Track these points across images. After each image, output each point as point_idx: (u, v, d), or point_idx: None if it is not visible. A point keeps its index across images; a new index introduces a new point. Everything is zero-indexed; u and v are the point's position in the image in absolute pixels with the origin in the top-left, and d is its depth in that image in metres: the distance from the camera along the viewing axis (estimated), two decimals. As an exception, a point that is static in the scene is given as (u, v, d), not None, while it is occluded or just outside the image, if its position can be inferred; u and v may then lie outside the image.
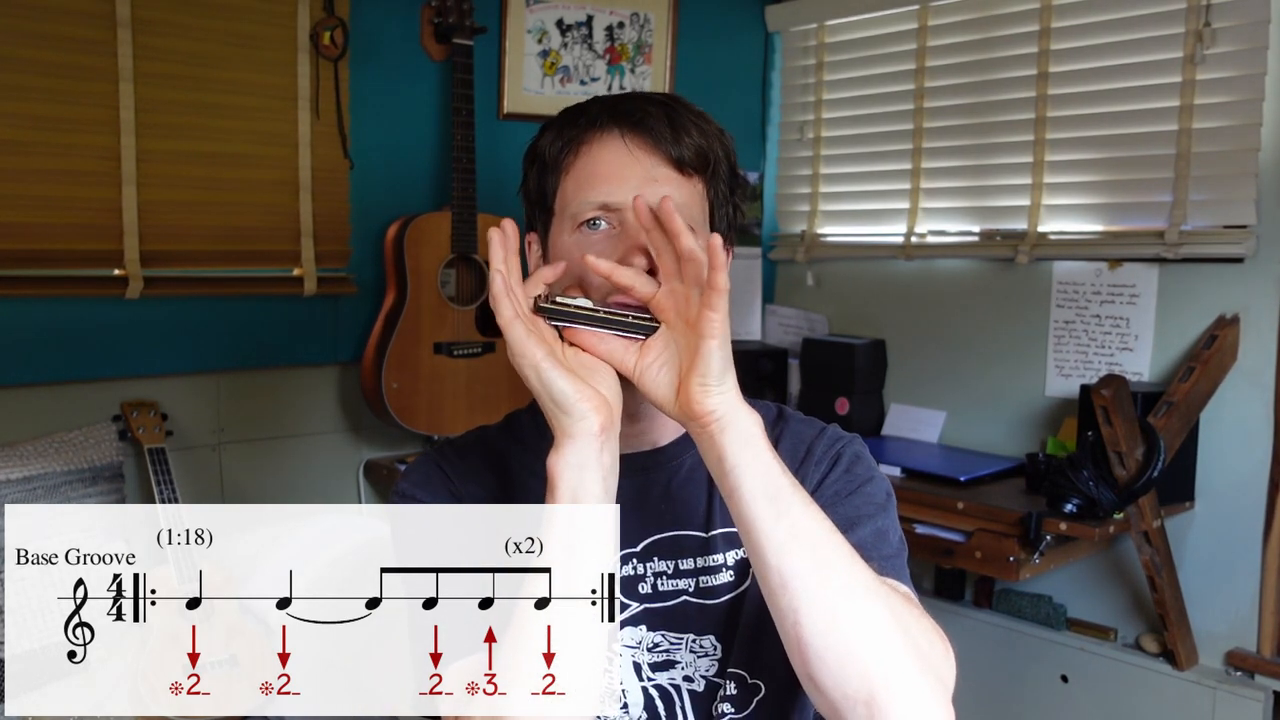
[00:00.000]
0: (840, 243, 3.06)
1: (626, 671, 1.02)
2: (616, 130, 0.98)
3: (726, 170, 1.02)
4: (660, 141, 0.97)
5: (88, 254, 2.20)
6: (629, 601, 1.02)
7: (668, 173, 0.97)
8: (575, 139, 0.99)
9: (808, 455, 1.05)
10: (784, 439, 1.07)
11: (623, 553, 1.02)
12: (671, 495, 1.05)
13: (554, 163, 1.01)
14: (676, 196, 0.96)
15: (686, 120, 0.98)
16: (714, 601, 1.03)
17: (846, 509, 1.00)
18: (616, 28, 2.88)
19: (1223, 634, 2.33)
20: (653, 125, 0.97)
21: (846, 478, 1.04)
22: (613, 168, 0.97)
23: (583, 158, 0.99)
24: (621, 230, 0.96)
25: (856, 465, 1.05)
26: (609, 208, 0.96)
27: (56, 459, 2.08)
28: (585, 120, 1.00)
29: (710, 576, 1.03)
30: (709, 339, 0.83)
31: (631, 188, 0.95)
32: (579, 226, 0.97)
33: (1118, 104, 2.44)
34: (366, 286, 2.55)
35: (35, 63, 2.08)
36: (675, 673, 1.02)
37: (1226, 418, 2.30)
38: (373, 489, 2.64)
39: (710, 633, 1.02)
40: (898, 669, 0.82)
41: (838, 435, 1.08)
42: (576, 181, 0.99)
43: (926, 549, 2.28)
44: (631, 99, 1.00)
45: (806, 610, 0.82)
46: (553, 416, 0.88)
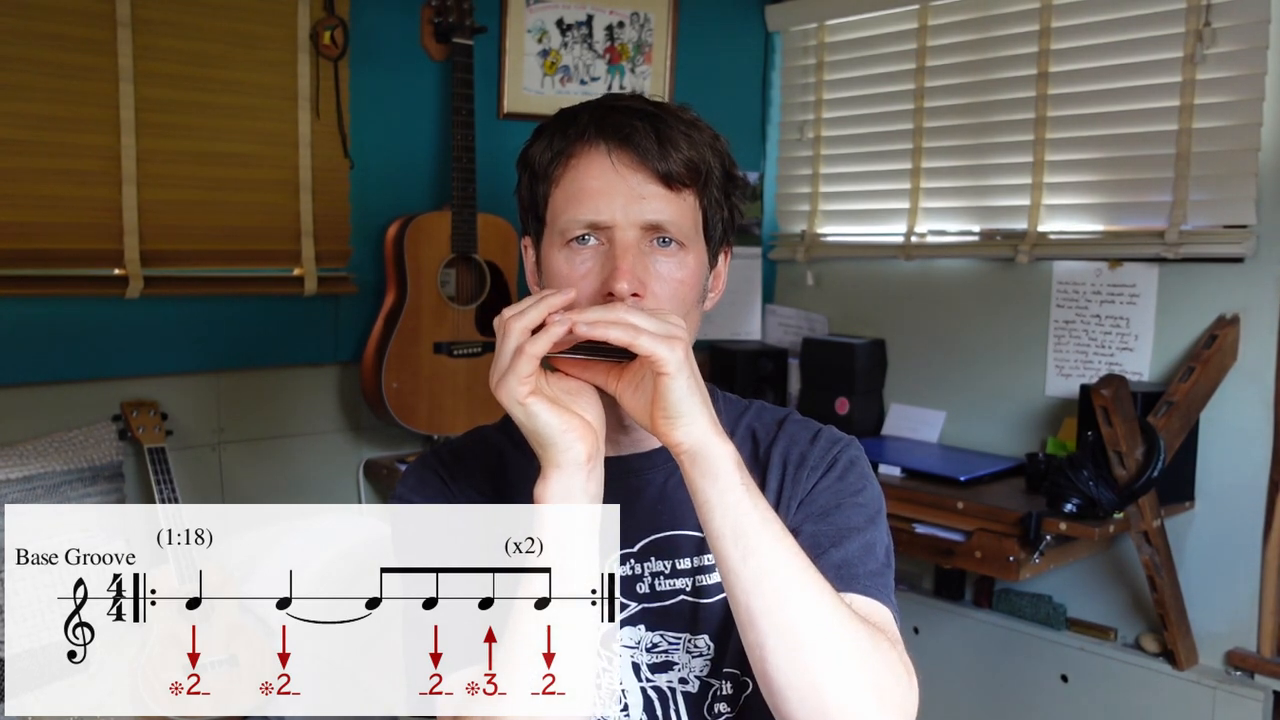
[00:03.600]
0: (840, 243, 3.06)
1: (626, 672, 1.03)
2: (603, 146, 0.98)
3: (720, 177, 1.02)
4: (647, 158, 0.97)
5: (88, 253, 2.20)
6: (628, 601, 1.04)
7: (655, 189, 0.97)
8: (564, 151, 1.00)
9: (802, 461, 1.06)
10: (779, 442, 1.07)
11: (621, 553, 1.03)
12: (667, 496, 1.06)
13: (543, 173, 1.01)
14: (665, 212, 0.97)
15: (675, 133, 0.98)
16: (708, 601, 1.04)
17: (836, 520, 1.01)
18: (616, 27, 2.88)
19: (1223, 634, 2.33)
20: (639, 141, 0.97)
21: (839, 485, 1.04)
22: (599, 185, 0.97)
23: (570, 171, 0.99)
24: (609, 247, 0.97)
25: (850, 473, 1.06)
26: (596, 226, 0.97)
27: (56, 459, 2.08)
28: (574, 131, 1.00)
29: (705, 576, 1.04)
30: (662, 376, 0.85)
31: (619, 206, 0.96)
32: (568, 243, 0.98)
33: (1118, 104, 2.44)
34: (366, 286, 2.55)
35: (36, 62, 2.08)
36: (671, 674, 1.03)
37: (1226, 418, 2.30)
38: (373, 489, 2.64)
39: (704, 632, 1.04)
40: (858, 707, 0.84)
41: (834, 438, 1.08)
42: (565, 196, 0.99)
43: (926, 549, 2.29)
44: (620, 111, 0.99)
45: (772, 647, 0.84)
46: (539, 448, 0.89)
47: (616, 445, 1.07)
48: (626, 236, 0.96)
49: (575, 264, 0.97)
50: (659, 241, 0.98)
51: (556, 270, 0.99)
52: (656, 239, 0.98)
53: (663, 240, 0.98)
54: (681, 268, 0.99)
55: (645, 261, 0.97)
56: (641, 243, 0.97)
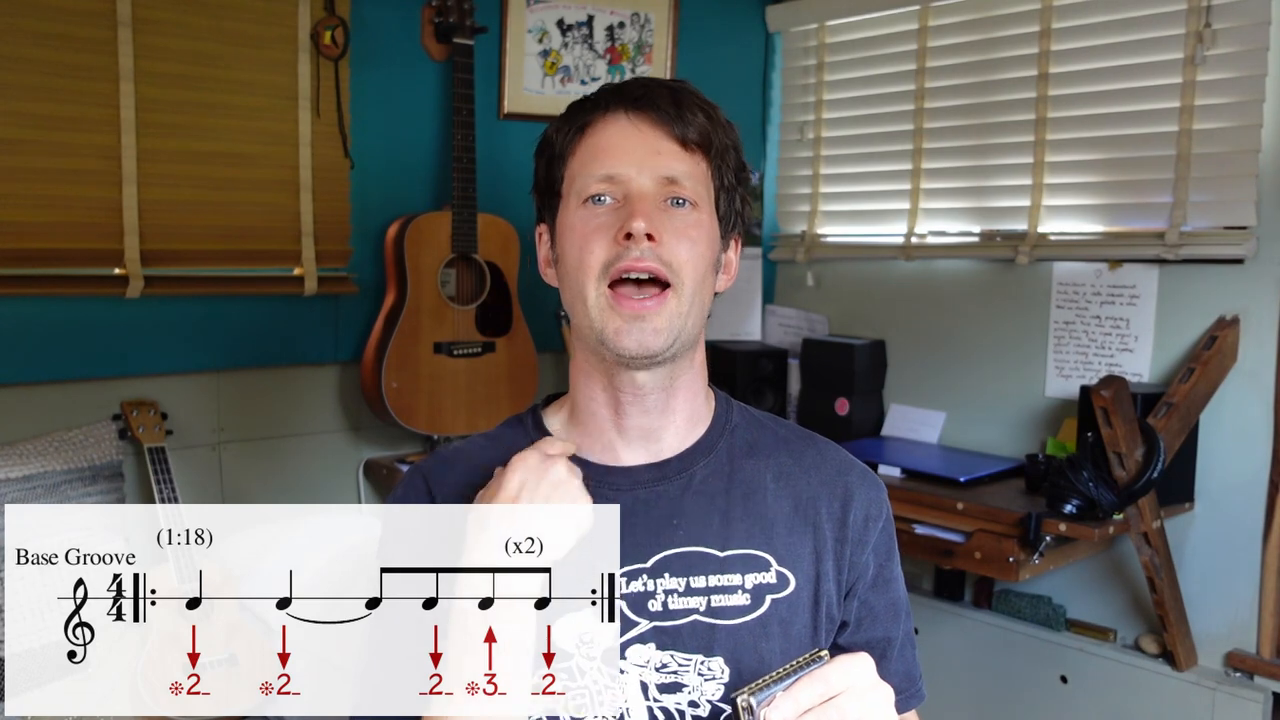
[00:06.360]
0: (840, 243, 3.06)
1: (633, 690, 0.99)
2: (622, 109, 0.99)
3: (734, 159, 1.03)
4: (664, 118, 0.98)
5: (88, 253, 2.20)
6: (637, 619, 1.00)
7: (672, 147, 0.98)
8: (581, 123, 1.01)
9: (868, 520, 1.07)
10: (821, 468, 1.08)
11: (632, 568, 1.00)
12: (684, 510, 1.03)
13: (561, 149, 1.02)
14: (679, 168, 0.98)
15: (692, 102, 1.00)
16: (725, 622, 1.00)
17: (884, 623, 1.08)
18: (617, 27, 2.88)
19: (1222, 635, 2.33)
20: (658, 102, 0.98)
21: (887, 569, 1.08)
22: (616, 141, 0.98)
23: (589, 138, 1.00)
24: (625, 203, 0.97)
25: (894, 555, 1.10)
26: (612, 179, 0.98)
27: (56, 458, 2.08)
28: (591, 105, 1.01)
29: (723, 596, 1.01)
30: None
31: (635, 160, 0.97)
32: (584, 202, 0.98)
33: (1118, 105, 2.44)
34: (366, 286, 2.55)
35: (36, 61, 2.08)
36: (681, 696, 0.99)
37: (1226, 419, 2.30)
38: (372, 488, 2.64)
39: (719, 655, 1.00)
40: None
41: (892, 516, 1.10)
42: (582, 160, 1.00)
43: (926, 549, 2.29)
44: (639, 81, 1.01)
45: None
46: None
47: (632, 451, 1.04)
48: (643, 184, 0.97)
49: (590, 220, 0.98)
50: (674, 202, 0.98)
51: (571, 228, 0.99)
52: (671, 199, 0.98)
53: (677, 201, 0.98)
54: (697, 225, 0.99)
55: (661, 214, 0.97)
56: (657, 198, 0.97)
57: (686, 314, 0.98)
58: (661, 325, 0.96)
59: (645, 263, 0.95)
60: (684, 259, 0.97)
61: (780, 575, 1.02)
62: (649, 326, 0.96)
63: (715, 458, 1.06)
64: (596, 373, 1.02)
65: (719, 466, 1.05)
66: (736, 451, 1.07)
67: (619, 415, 1.03)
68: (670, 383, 1.02)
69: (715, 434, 1.07)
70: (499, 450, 1.05)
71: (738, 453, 1.07)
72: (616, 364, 0.99)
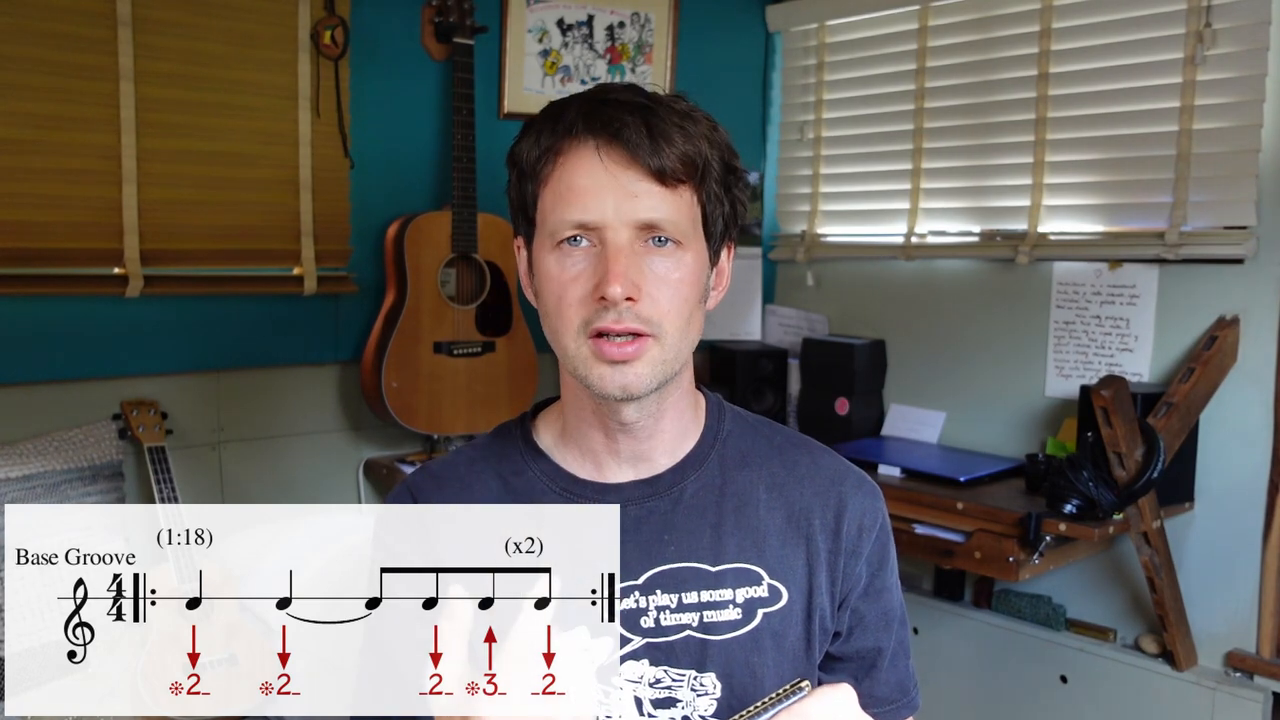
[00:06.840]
0: (840, 243, 3.06)
1: (627, 705, 0.99)
2: (592, 142, 0.93)
3: (719, 169, 0.97)
4: (638, 154, 0.92)
5: (88, 252, 2.20)
6: (631, 635, 0.99)
7: (648, 186, 0.93)
8: (551, 148, 0.96)
9: (861, 530, 1.06)
10: (814, 477, 1.07)
11: (625, 585, 0.99)
12: (675, 525, 1.02)
13: (531, 171, 0.97)
14: (659, 210, 0.93)
15: (668, 126, 0.93)
16: (717, 638, 1.00)
17: (875, 633, 1.08)
18: (617, 27, 2.88)
19: (1222, 635, 2.33)
20: (629, 136, 0.92)
21: (879, 579, 1.08)
22: (588, 184, 0.93)
23: (559, 169, 0.95)
24: (601, 249, 0.93)
25: (887, 564, 1.09)
26: (586, 226, 0.93)
27: (56, 458, 2.08)
28: (562, 127, 0.95)
29: (715, 612, 1.00)
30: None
31: (609, 205, 0.92)
32: (558, 244, 0.94)
33: (1118, 105, 2.44)
34: (366, 286, 2.55)
35: (36, 61, 2.08)
36: (675, 711, 0.99)
37: (1226, 418, 2.30)
38: (372, 488, 2.64)
39: (712, 670, 1.00)
40: None
41: (887, 524, 1.09)
42: (554, 195, 0.95)
43: (926, 549, 2.29)
44: (610, 105, 0.94)
45: None
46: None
47: (622, 468, 1.03)
48: (618, 237, 0.92)
49: (566, 267, 0.94)
50: (654, 241, 0.94)
51: (547, 273, 0.95)
52: (652, 238, 0.93)
53: (658, 239, 0.94)
54: (679, 267, 0.94)
55: (640, 263, 0.93)
56: (635, 243, 0.93)
57: (671, 359, 0.96)
58: (644, 370, 0.94)
59: (624, 324, 0.92)
60: (665, 309, 0.94)
61: (772, 589, 1.02)
62: (631, 371, 0.93)
63: (706, 470, 1.05)
64: (585, 398, 1.00)
65: (710, 480, 1.04)
66: (728, 463, 1.06)
67: (609, 439, 1.02)
68: (658, 409, 1.01)
69: (706, 445, 1.06)
70: (489, 466, 1.05)
71: (730, 464, 1.06)
72: (601, 401, 0.97)
